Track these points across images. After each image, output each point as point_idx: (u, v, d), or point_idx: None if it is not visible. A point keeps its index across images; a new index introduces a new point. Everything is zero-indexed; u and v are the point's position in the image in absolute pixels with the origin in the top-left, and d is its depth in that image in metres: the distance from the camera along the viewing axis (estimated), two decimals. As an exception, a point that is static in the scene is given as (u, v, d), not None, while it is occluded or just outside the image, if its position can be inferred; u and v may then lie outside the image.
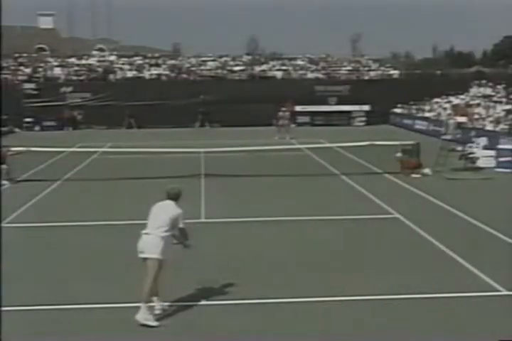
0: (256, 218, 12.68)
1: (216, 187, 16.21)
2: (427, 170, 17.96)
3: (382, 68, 41.54)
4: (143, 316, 7.25)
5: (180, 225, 7.62)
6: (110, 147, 24.47)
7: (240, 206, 13.83)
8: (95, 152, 22.38)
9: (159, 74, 38.59)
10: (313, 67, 40.61)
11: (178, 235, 7.68)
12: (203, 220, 12.59)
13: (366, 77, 39.11)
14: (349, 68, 40.53)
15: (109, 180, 17.54)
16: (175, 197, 7.81)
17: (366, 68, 41.02)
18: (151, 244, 7.36)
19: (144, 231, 7.52)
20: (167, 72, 39.01)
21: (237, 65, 40.24)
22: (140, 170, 19.04)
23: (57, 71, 38.29)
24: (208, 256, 10.01)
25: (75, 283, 8.85)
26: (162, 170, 18.38)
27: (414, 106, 34.85)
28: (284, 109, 30.99)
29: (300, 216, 12.83)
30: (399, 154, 18.44)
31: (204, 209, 13.45)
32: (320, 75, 39.22)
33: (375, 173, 18.37)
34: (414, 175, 17.63)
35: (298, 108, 35.76)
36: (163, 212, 7.56)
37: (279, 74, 38.99)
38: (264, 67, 40.17)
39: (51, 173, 18.56)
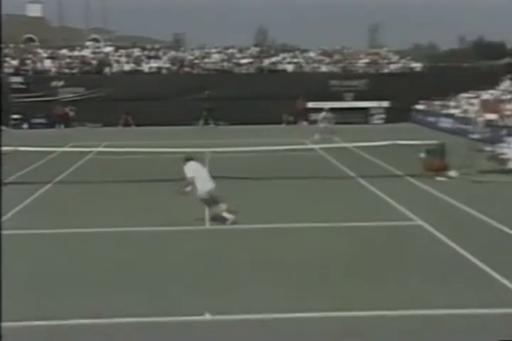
0: (264, 225, 12.67)
1: (222, 190, 16.09)
2: (452, 173, 17.91)
3: (403, 60, 41.46)
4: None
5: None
6: (106, 146, 24.54)
7: (246, 211, 13.80)
8: (89, 152, 22.45)
9: (159, 68, 38.70)
10: (328, 59, 40.63)
11: None
12: (207, 227, 12.59)
13: (385, 71, 39.08)
14: (367, 61, 40.49)
15: (105, 182, 17.60)
16: (193, 158, 13.14)
17: (385, 61, 40.97)
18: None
19: (212, 183, 12.73)
20: (168, 65, 39.12)
21: (244, 58, 40.29)
22: (139, 172, 19.11)
23: (48, 63, 38.50)
24: (213, 266, 10.02)
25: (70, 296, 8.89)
26: (162, 172, 18.44)
27: (438, 102, 34.77)
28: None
29: (311, 222, 12.82)
30: (422, 155, 18.40)
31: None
32: (335, 69, 39.22)
33: (395, 176, 18.35)
34: (438, 178, 17.59)
35: (310, 104, 35.82)
36: (203, 168, 13.05)
37: (290, 68, 39.04)
38: (273, 59, 40.18)
39: (41, 175, 18.65)
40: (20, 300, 8.63)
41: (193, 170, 12.79)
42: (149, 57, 40.13)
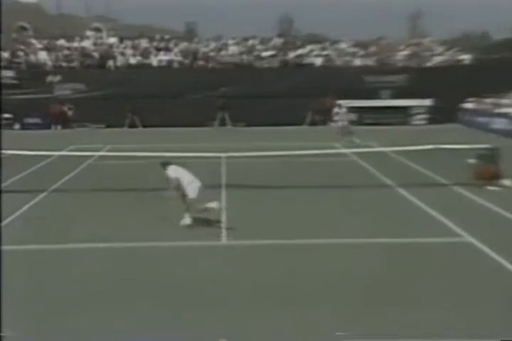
0: (288, 240, 12.68)
1: (240, 200, 16.26)
2: (507, 181, 17.78)
3: (450, 52, 41.31)
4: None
5: None
6: (109, 150, 24.74)
7: (268, 225, 13.85)
8: (90, 156, 22.63)
9: (170, 61, 38.98)
10: (362, 51, 40.61)
11: None
12: (223, 243, 12.64)
13: (429, 64, 38.97)
14: (407, 53, 40.40)
15: (108, 191, 17.72)
16: (170, 162, 14.05)
17: (429, 52, 40.85)
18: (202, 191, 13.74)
19: (199, 185, 13.71)
20: (179, 59, 39.39)
21: (266, 50, 40.39)
22: (145, 180, 19.13)
23: (43, 56, 38.90)
24: (231, 287, 10.04)
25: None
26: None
27: (490, 100, 34.54)
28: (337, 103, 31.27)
29: (343, 238, 12.81)
30: (471, 161, 18.28)
31: (225, 227, 13.54)
32: (370, 62, 39.21)
33: (440, 185, 18.26)
34: (490, 187, 17.47)
35: (342, 103, 35.83)
36: (186, 172, 13.83)
37: (318, 61, 39.11)
38: (299, 52, 40.23)
39: (35, 183, 18.80)
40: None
41: (176, 173, 13.76)
42: (158, 49, 40.39)
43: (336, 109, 30.66)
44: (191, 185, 13.70)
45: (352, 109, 35.05)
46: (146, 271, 10.94)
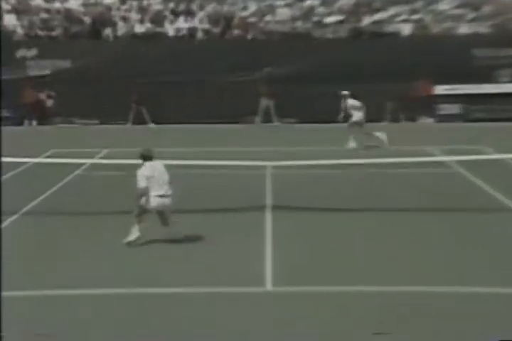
0: (354, 287, 12.66)
1: (292, 229, 16.30)
2: None
3: None
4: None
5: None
6: (105, 157, 24.99)
7: (330, 264, 13.88)
8: (79, 165, 22.82)
9: (192, 30, 39.27)
10: (471, 14, 40.28)
11: None
12: (268, 289, 12.67)
13: None
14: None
15: (102, 214, 17.80)
16: (153, 156, 15.42)
17: None
18: (170, 203, 15.17)
19: (157, 194, 14.95)
20: (206, 26, 39.67)
21: (330, 14, 40.34)
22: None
23: (11, 20, 39.28)
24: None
25: None
26: (194, 198, 18.60)
27: None
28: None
29: (438, 286, 12.72)
30: None
31: (271, 268, 13.57)
32: (482, 29, 38.91)
33: None
34: None
35: (439, 89, 35.68)
36: (163, 173, 15.20)
37: (406, 29, 39.05)
38: (378, 16, 40.13)
39: (1, 203, 18.89)
40: None
41: (148, 175, 15.04)
42: (176, 14, 40.63)
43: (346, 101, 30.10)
44: (155, 191, 15.07)
45: (454, 98, 34.88)
46: (171, 324, 10.98)
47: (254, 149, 25.85)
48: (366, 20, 39.75)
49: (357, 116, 28.69)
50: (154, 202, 14.94)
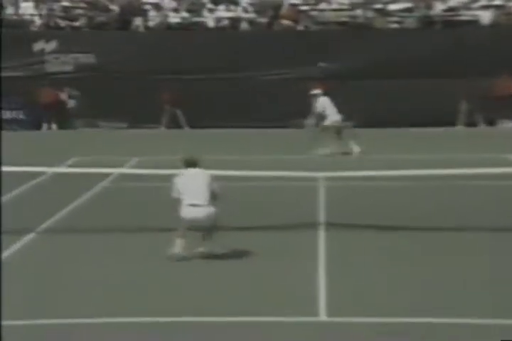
0: (423, 318, 12.51)
1: (349, 250, 16.39)
2: None
3: None
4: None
5: (217, 190, 15.79)
6: (135, 166, 25.36)
7: (392, 292, 13.90)
8: (105, 175, 23.00)
9: (235, 20, 39.39)
10: None
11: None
12: (322, 319, 12.65)
13: None
14: None
15: (134, 231, 17.95)
16: (197, 163, 16.09)
17: None
18: (205, 215, 15.43)
19: (189, 203, 15.38)
20: (251, 16, 39.73)
21: (395, 1, 40.18)
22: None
23: (28, 9, 39.58)
24: None
25: None
26: (235, 214, 18.47)
27: None
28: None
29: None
30: None
31: (325, 296, 13.55)
32: None
33: None
34: None
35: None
36: (200, 182, 15.61)
37: (485, 17, 38.59)
38: (452, 2, 39.86)
39: (16, 219, 18.91)
40: None
41: (183, 183, 15.81)
42: (216, 2, 40.62)
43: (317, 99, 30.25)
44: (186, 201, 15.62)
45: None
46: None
47: (304, 157, 26.32)
48: (438, 7, 39.48)
49: (331, 118, 29.06)
50: (186, 211, 15.42)
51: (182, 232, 15.56)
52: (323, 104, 29.64)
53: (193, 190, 15.47)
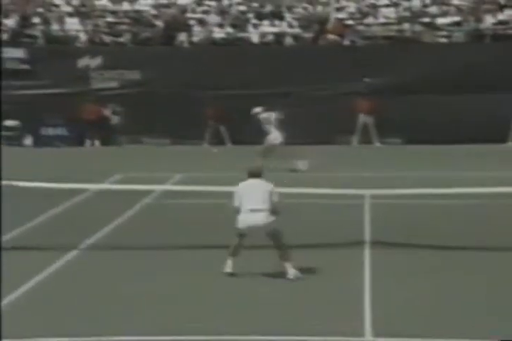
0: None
1: (396, 270, 16.33)
2: None
3: None
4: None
5: (276, 199, 15.73)
6: (179, 182, 25.29)
7: (442, 312, 13.76)
8: (148, 192, 23.15)
9: (280, 35, 39.37)
10: None
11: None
12: (368, 339, 12.65)
13: None
14: None
15: (176, 249, 17.93)
16: (260, 174, 16.11)
17: None
18: (265, 219, 15.47)
19: (247, 208, 15.41)
20: (296, 31, 39.69)
21: (443, 15, 39.97)
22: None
23: (72, 24, 39.85)
24: None
25: None
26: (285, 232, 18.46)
27: None
28: None
29: None
30: None
31: (370, 315, 13.51)
32: None
33: None
34: None
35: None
36: (260, 190, 15.66)
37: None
38: (504, 14, 39.56)
39: (59, 235, 19.16)
40: None
41: (242, 191, 15.88)
42: (261, 17, 40.72)
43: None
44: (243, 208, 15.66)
45: None
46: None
47: (349, 175, 26.09)
48: (488, 21, 39.28)
49: (275, 136, 29.05)
50: (244, 217, 15.51)
51: (234, 249, 15.56)
52: (267, 118, 29.88)
53: (253, 196, 15.54)
